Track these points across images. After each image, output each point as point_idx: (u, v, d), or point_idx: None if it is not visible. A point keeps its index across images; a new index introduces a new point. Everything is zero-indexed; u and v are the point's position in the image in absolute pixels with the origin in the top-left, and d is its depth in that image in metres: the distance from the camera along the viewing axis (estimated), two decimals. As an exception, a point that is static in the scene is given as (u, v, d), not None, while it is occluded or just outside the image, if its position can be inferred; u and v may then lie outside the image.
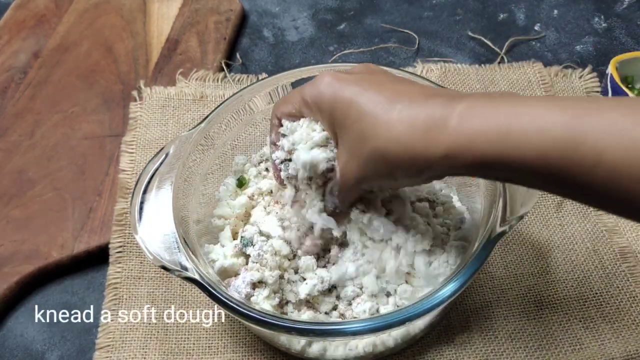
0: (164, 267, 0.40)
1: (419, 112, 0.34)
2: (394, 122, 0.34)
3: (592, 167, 0.29)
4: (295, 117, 0.41)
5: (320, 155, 0.39)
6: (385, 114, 0.34)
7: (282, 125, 0.41)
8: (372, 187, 0.41)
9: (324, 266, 0.44)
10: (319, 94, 0.38)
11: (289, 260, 0.44)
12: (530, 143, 0.30)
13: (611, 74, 0.61)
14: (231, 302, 0.38)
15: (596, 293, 0.49)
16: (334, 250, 0.44)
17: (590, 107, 0.30)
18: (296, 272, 0.44)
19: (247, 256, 0.44)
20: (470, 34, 0.73)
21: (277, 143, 0.42)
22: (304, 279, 0.43)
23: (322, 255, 0.45)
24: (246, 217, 0.49)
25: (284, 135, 0.41)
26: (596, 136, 0.28)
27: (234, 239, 0.46)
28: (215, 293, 0.39)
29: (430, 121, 0.33)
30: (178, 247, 0.41)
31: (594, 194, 0.30)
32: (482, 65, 0.67)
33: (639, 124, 0.28)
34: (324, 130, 0.39)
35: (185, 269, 0.40)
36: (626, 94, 0.59)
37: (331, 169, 0.40)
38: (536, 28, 0.74)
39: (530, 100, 0.32)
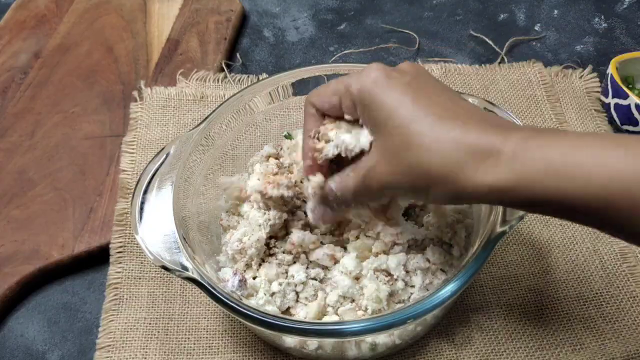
0: (165, 267, 0.40)
1: (471, 136, 0.32)
2: (444, 141, 0.32)
3: None
4: (333, 106, 0.39)
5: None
6: (435, 129, 0.33)
7: (318, 113, 0.40)
8: (393, 197, 0.39)
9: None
10: (364, 87, 0.36)
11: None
12: (590, 181, 0.29)
13: (611, 74, 0.61)
14: (231, 301, 0.38)
15: (596, 293, 0.50)
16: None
17: None
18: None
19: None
20: (471, 34, 0.73)
21: (311, 134, 0.40)
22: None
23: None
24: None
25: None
26: None
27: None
28: (216, 293, 0.39)
29: (481, 149, 0.32)
30: (178, 247, 0.41)
31: None
32: (483, 65, 0.67)
33: None
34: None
35: (186, 269, 0.40)
36: (626, 94, 0.59)
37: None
38: (536, 28, 0.74)
39: (583, 136, 0.31)
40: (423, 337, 0.47)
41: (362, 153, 0.38)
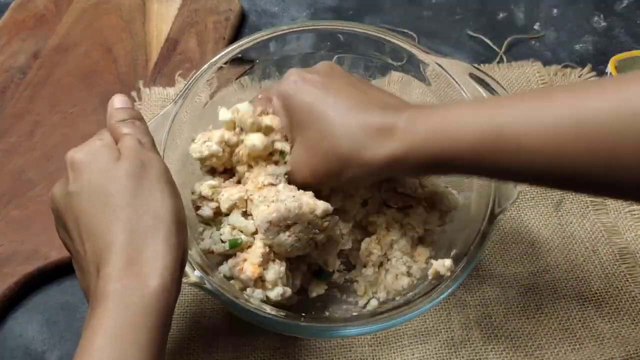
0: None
1: (372, 119, 0.38)
2: (350, 126, 0.38)
3: (515, 153, 0.32)
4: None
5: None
6: (343, 117, 0.39)
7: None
8: (321, 187, 0.43)
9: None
10: (284, 91, 0.42)
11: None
12: (460, 138, 0.34)
13: (610, 73, 0.61)
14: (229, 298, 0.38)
15: (595, 293, 0.50)
16: None
17: (511, 99, 0.34)
18: None
19: None
20: (469, 33, 0.73)
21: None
22: None
23: None
24: None
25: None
26: (515, 126, 0.32)
27: None
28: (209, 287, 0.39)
29: (380, 127, 0.37)
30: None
31: (521, 175, 0.35)
32: (482, 64, 0.67)
33: (550, 113, 0.31)
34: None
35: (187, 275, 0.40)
36: (625, 93, 0.59)
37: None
38: (535, 27, 0.74)
39: (463, 102, 0.36)
40: (423, 337, 0.47)
41: None
